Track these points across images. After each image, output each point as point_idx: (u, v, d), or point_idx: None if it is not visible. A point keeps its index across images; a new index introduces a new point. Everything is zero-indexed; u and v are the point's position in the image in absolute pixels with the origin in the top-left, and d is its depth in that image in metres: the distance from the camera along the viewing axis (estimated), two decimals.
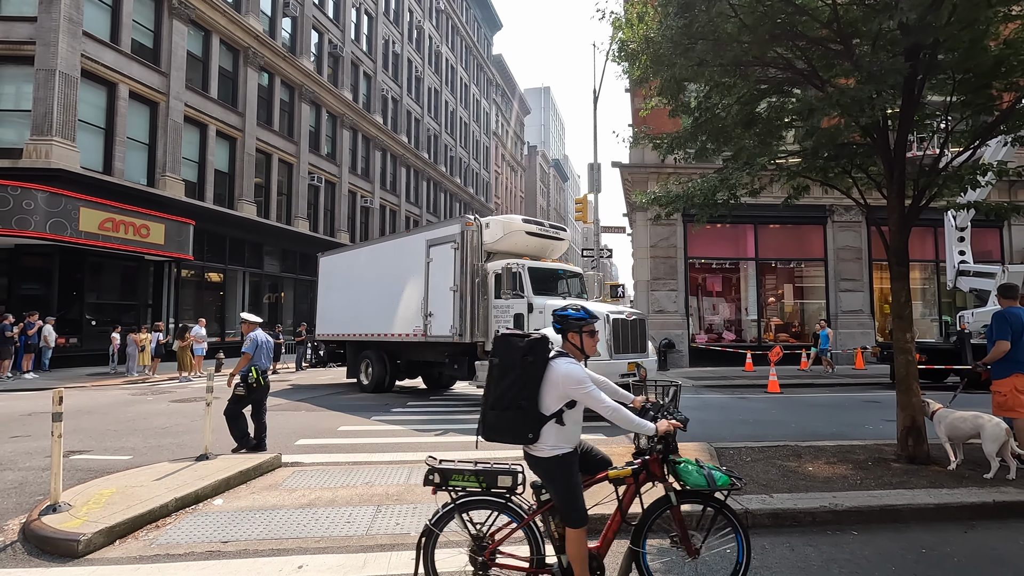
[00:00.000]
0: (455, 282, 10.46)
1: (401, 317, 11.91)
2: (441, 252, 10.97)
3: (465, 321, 10.24)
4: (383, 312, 12.44)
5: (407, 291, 11.82)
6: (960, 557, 3.74)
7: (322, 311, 15.31)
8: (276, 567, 3.66)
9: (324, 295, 15.36)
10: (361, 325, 13.15)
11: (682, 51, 5.77)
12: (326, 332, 14.93)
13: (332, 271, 15.13)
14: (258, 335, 6.72)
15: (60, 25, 15.67)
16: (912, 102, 5.64)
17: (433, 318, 10.96)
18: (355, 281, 13.76)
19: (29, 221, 14.33)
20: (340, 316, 14.13)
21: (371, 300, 12.93)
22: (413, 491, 5.22)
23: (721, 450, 6.19)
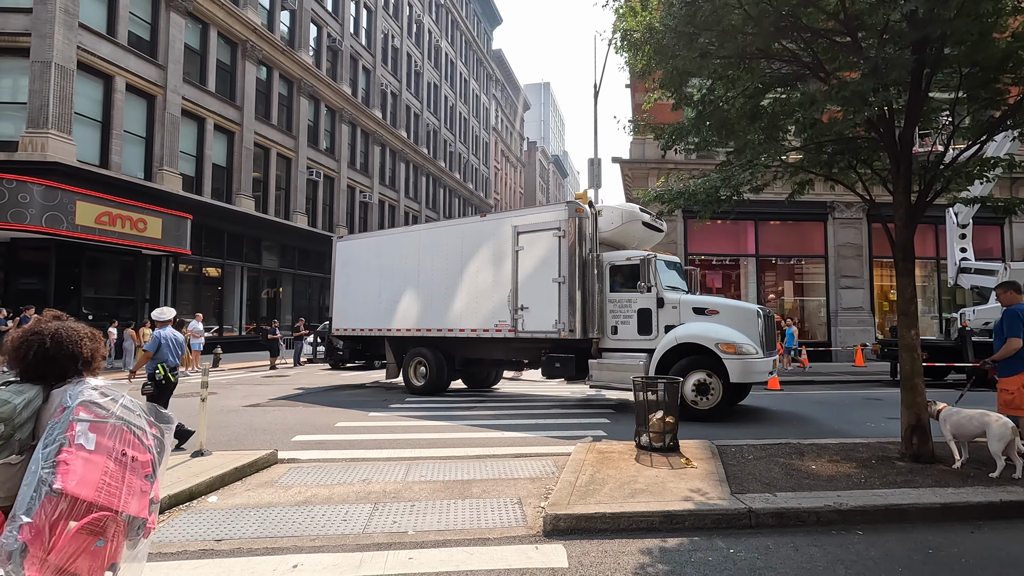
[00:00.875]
0: (561, 273, 9.66)
1: (473, 311, 10.90)
2: (537, 240, 10.10)
3: (575, 316, 9.49)
4: (443, 305, 11.38)
5: (483, 282, 10.82)
6: (968, 558, 3.67)
7: (343, 303, 13.46)
8: (271, 566, 3.59)
9: (345, 285, 13.47)
10: (409, 320, 11.93)
11: (686, 42, 5.67)
12: (349, 327, 13.20)
13: (355, 258, 13.40)
14: (163, 332, 6.72)
15: (56, 17, 15.51)
16: (919, 96, 5.55)
17: (527, 312, 10.12)
18: (395, 270, 12.33)
19: (25, 215, 14.21)
20: (371, 309, 12.68)
21: (423, 292, 11.75)
22: (411, 488, 5.15)
23: (723, 448, 6.12)
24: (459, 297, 11.19)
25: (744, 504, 4.28)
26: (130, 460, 2.32)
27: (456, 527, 4.21)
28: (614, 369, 9.18)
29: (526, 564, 3.58)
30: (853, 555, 3.72)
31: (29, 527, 1.97)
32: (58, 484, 2.04)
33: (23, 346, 2.38)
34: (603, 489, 4.69)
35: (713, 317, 8.83)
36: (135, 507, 2.27)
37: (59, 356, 2.38)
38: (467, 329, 11.02)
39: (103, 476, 2.21)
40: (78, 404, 2.24)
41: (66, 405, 2.23)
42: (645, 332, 9.15)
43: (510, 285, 10.39)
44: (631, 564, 3.60)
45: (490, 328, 10.64)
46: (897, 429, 6.88)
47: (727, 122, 6.50)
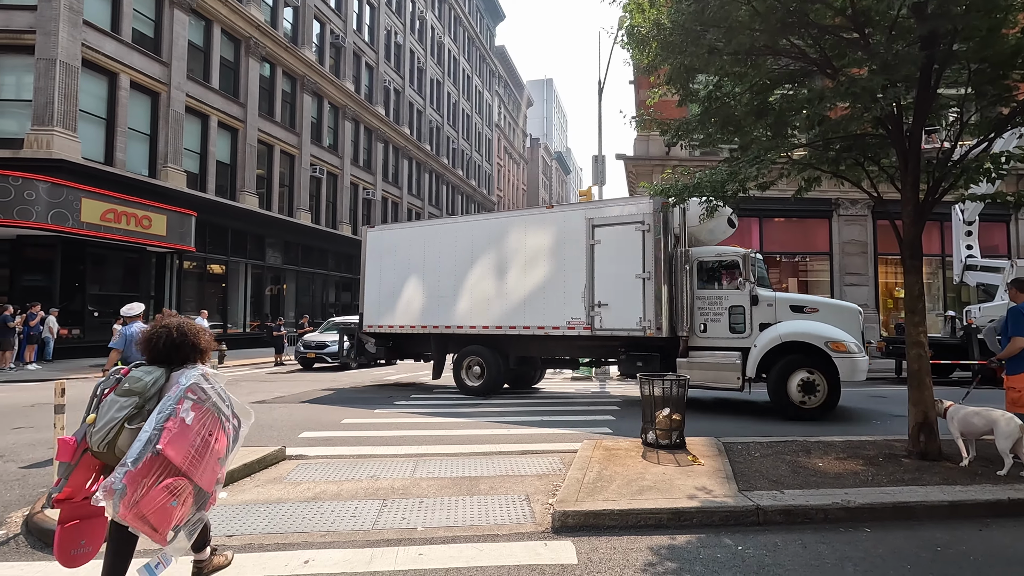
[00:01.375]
0: (646, 268, 9.33)
1: (537, 307, 10.44)
2: (617, 233, 9.66)
3: (661, 313, 9.18)
4: (501, 301, 10.85)
5: (549, 277, 10.37)
6: (976, 555, 3.68)
7: (375, 298, 12.57)
8: (282, 562, 3.61)
9: (378, 279, 12.59)
10: (459, 316, 11.32)
11: (693, 38, 5.66)
12: (385, 324, 12.31)
13: (391, 249, 12.55)
14: (128, 329, 6.67)
15: (60, 14, 15.54)
16: (928, 92, 5.53)
17: (605, 309, 9.71)
18: (442, 263, 11.65)
19: (31, 212, 14.27)
20: (412, 305, 11.97)
21: (478, 286, 11.19)
22: (418, 485, 5.17)
23: (729, 445, 6.13)
24: (520, 293, 10.67)
25: (752, 501, 4.29)
26: (213, 441, 2.86)
27: (465, 523, 4.23)
28: (706, 368, 8.95)
29: (536, 560, 3.60)
30: (861, 552, 3.73)
31: (131, 474, 2.56)
32: (160, 445, 2.62)
33: (154, 336, 2.98)
34: (611, 486, 4.71)
35: (813, 315, 8.69)
36: (206, 481, 2.84)
37: (183, 344, 2.98)
38: (532, 327, 10.47)
39: (191, 448, 2.75)
40: (188, 385, 2.81)
41: (180, 383, 2.81)
42: (737, 330, 8.95)
43: (584, 281, 9.94)
44: (640, 561, 3.61)
45: (561, 326, 10.15)
46: (903, 427, 6.88)
47: (734, 118, 6.49)
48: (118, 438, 2.74)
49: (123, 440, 2.74)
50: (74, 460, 2.82)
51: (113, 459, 2.76)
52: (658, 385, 6.07)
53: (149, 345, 2.99)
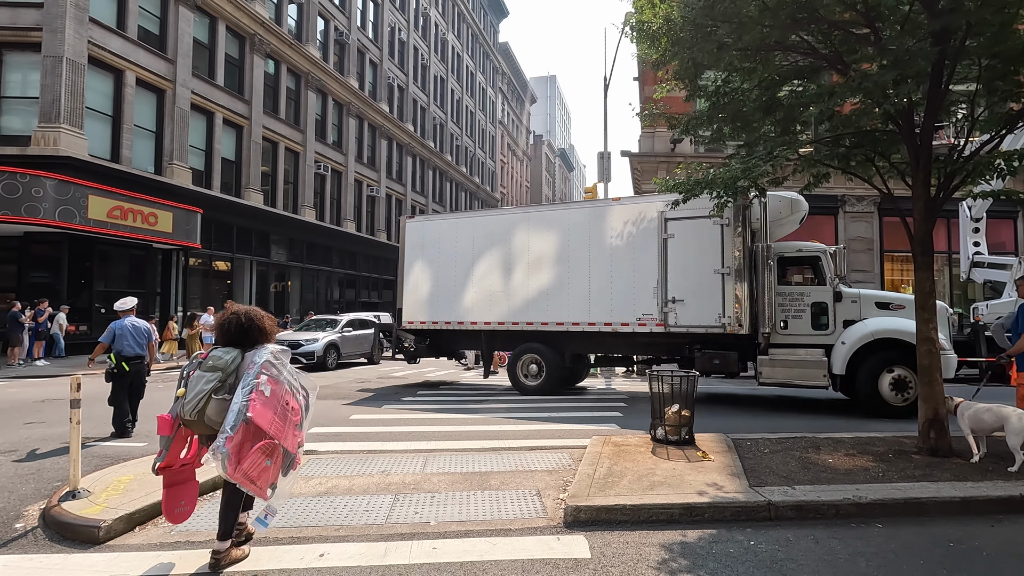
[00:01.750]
0: (725, 264, 9.12)
1: (602, 303, 10.09)
2: (693, 227, 9.38)
3: (743, 310, 9.00)
4: (561, 297, 10.48)
5: (615, 272, 10.04)
6: (989, 551, 3.68)
7: (416, 293, 12.01)
8: (298, 555, 3.64)
9: (419, 273, 11.98)
10: (513, 312, 10.86)
11: (703, 34, 5.65)
12: (428, 319, 11.78)
13: (434, 241, 11.94)
14: (119, 323, 6.84)
15: (67, 11, 15.56)
16: (939, 88, 5.50)
17: (680, 305, 9.47)
18: (494, 256, 11.17)
19: (38, 209, 14.32)
20: (458, 300, 11.46)
21: (534, 281, 10.75)
22: (429, 480, 5.20)
23: (738, 441, 6.14)
24: (584, 288, 10.30)
25: (763, 497, 4.30)
26: (290, 409, 3.40)
27: (477, 518, 4.25)
28: (790, 365, 8.80)
29: (549, 554, 3.62)
30: (873, 548, 3.74)
31: (231, 439, 3.06)
32: (249, 414, 3.12)
33: (226, 323, 3.50)
34: (621, 481, 4.73)
35: (899, 312, 8.58)
36: (290, 444, 3.38)
37: (251, 328, 3.49)
38: (599, 323, 10.10)
39: (274, 415, 3.27)
40: (262, 362, 3.32)
41: (255, 362, 3.33)
42: (820, 327, 8.78)
43: (656, 275, 9.67)
44: (653, 556, 3.63)
45: (630, 322, 9.84)
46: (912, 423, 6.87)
47: (742, 114, 6.48)
48: (207, 407, 3.27)
49: (211, 409, 3.27)
50: (172, 433, 3.38)
51: (203, 427, 3.33)
52: (667, 381, 6.08)
53: (222, 331, 3.50)
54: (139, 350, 6.93)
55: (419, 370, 16.21)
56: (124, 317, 6.99)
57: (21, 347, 14.02)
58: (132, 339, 6.88)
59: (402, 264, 12.28)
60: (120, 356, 6.80)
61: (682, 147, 18.70)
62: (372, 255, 32.62)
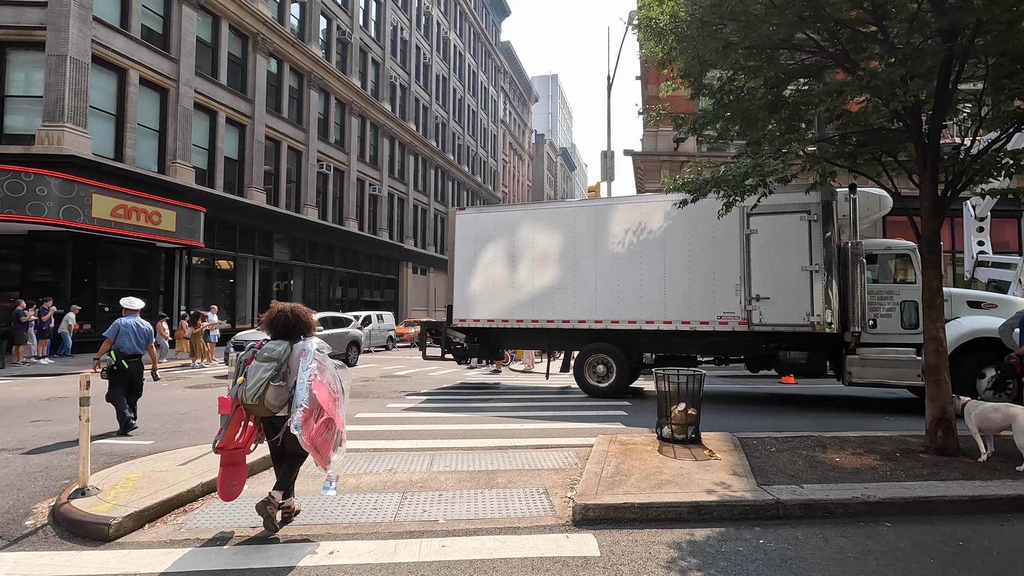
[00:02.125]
0: (814, 261, 8.84)
1: (679, 301, 9.75)
2: (779, 223, 9.09)
3: (831, 308, 8.75)
4: (632, 294, 10.07)
5: (698, 268, 9.69)
6: (999, 550, 3.68)
7: (468, 289, 11.42)
8: (307, 552, 3.65)
9: (471, 268, 11.41)
10: (579, 310, 10.44)
11: (710, 32, 5.64)
12: (481, 317, 11.23)
13: (488, 235, 11.33)
14: (123, 320, 6.95)
15: (71, 10, 15.58)
16: (947, 87, 5.49)
17: (765, 303, 9.19)
18: (556, 251, 10.70)
19: (43, 207, 14.35)
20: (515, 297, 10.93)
21: (602, 278, 10.29)
22: (436, 478, 5.21)
23: (744, 440, 6.14)
24: (658, 285, 9.93)
25: (771, 496, 4.30)
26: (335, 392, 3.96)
27: (486, 516, 4.26)
28: (883, 365, 8.55)
29: (558, 552, 3.62)
30: (883, 547, 3.74)
31: (304, 411, 3.62)
32: (314, 390, 3.72)
33: (275, 318, 3.98)
34: (629, 480, 4.73)
35: (992, 311, 8.46)
36: (339, 422, 3.96)
37: (297, 323, 3.96)
38: (675, 321, 9.76)
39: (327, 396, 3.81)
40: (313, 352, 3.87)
41: (307, 350, 3.86)
42: (911, 326, 8.56)
43: (738, 272, 9.37)
44: (663, 554, 3.63)
45: (711, 320, 9.51)
46: (916, 422, 6.87)
47: (748, 112, 6.46)
48: (266, 392, 3.70)
49: (270, 394, 3.70)
50: (232, 412, 3.85)
51: (262, 410, 3.77)
52: (673, 380, 6.08)
53: (272, 326, 3.98)
54: (139, 349, 7.06)
55: (421, 369, 16.21)
56: (129, 316, 7.08)
57: (26, 346, 14.05)
58: (134, 338, 7.00)
59: (452, 259, 11.69)
60: (120, 353, 6.91)
61: (685, 146, 18.68)
62: (374, 254, 32.64)
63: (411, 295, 37.38)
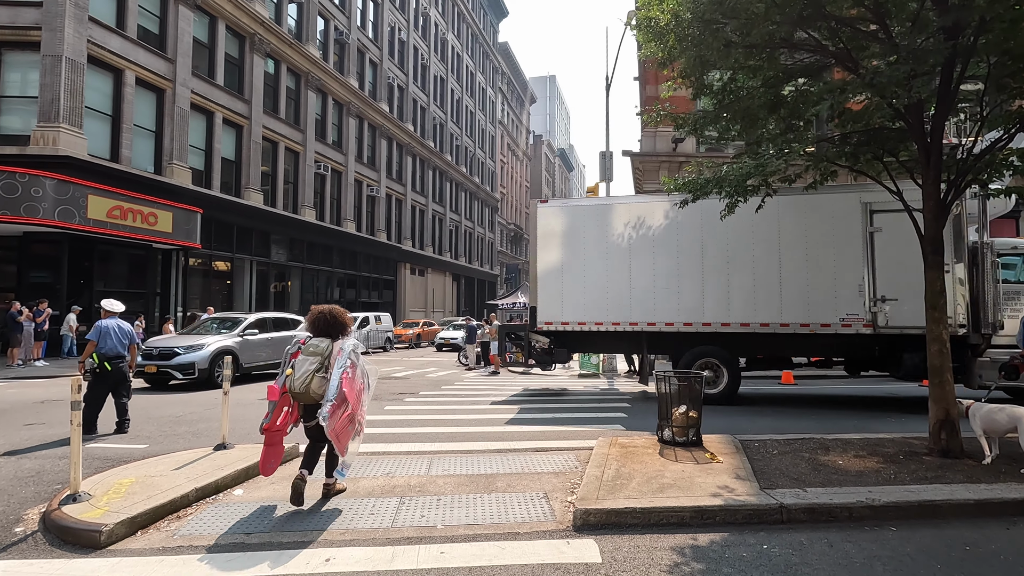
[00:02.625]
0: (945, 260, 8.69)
1: (800, 302, 9.32)
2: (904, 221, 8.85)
3: (965, 309, 8.44)
4: (751, 295, 9.58)
5: (817, 268, 9.29)
6: (1007, 555, 3.62)
7: (554, 288, 10.58)
8: (303, 560, 3.57)
9: (559, 265, 10.61)
10: (684, 312, 9.85)
11: (711, 31, 5.59)
12: (571, 320, 10.42)
13: (577, 230, 10.53)
14: (105, 323, 6.97)
15: (66, 10, 15.47)
16: (950, 85, 5.45)
17: (892, 304, 8.84)
18: (658, 249, 10.01)
19: (37, 208, 14.24)
20: (611, 297, 10.20)
21: (710, 278, 9.75)
22: (435, 482, 5.13)
23: (746, 443, 6.08)
24: (773, 285, 9.49)
25: (775, 500, 4.24)
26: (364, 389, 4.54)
27: (485, 521, 4.19)
28: None
29: (559, 559, 3.56)
30: (889, 551, 3.68)
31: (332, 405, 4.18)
32: (344, 388, 4.25)
33: (316, 319, 4.61)
34: (630, 484, 4.66)
35: None
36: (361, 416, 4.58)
37: (335, 323, 4.59)
38: (793, 324, 9.32)
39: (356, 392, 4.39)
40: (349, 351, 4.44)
41: (344, 349, 4.45)
42: None
43: (862, 272, 9.02)
44: (665, 560, 3.56)
45: (832, 322, 9.06)
46: (919, 424, 6.82)
47: (749, 112, 6.42)
48: (312, 382, 4.33)
49: (315, 383, 4.34)
50: (279, 399, 4.46)
51: (307, 397, 4.38)
52: (675, 382, 6.01)
53: (313, 325, 4.61)
54: (121, 350, 7.08)
55: (420, 371, 16.14)
56: (109, 317, 7.12)
57: (20, 347, 13.93)
58: (116, 339, 7.03)
59: (534, 257, 10.84)
60: (102, 355, 6.92)
61: (684, 147, 18.65)
62: (372, 255, 32.54)
63: (409, 296, 37.28)
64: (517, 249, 64.92)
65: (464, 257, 47.70)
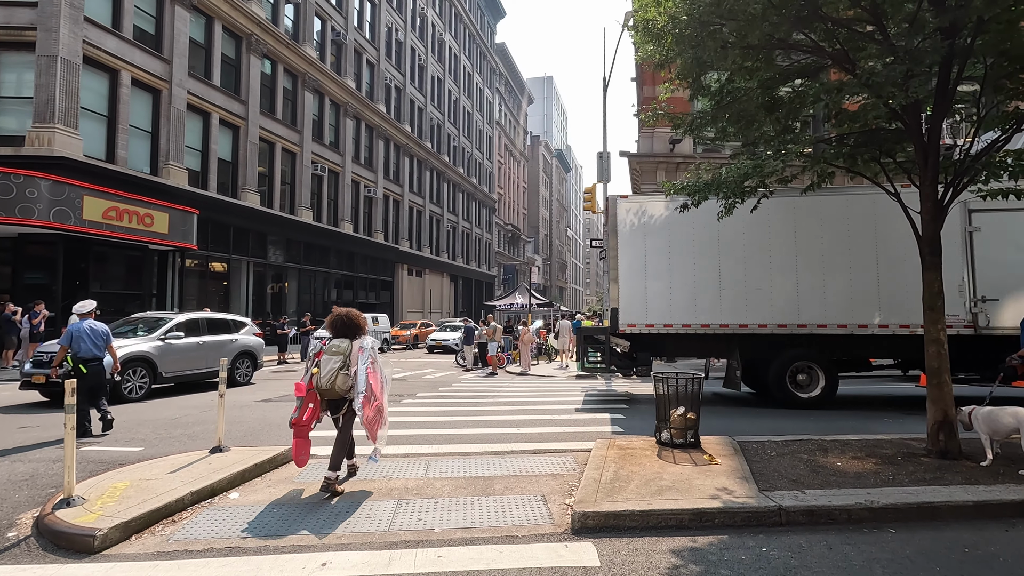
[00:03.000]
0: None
1: (900, 303, 9.03)
2: (1007, 220, 8.56)
3: None
4: (845, 295, 9.24)
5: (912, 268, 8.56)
6: (1006, 557, 3.62)
7: (639, 288, 10.01)
8: (299, 564, 3.54)
9: (642, 264, 10.01)
10: (783, 314, 9.48)
11: (709, 32, 5.58)
12: (656, 322, 9.91)
13: (661, 226, 9.93)
14: (76, 326, 6.90)
15: (61, 11, 15.40)
16: (947, 86, 5.45)
17: (993, 305, 8.67)
18: (750, 247, 9.64)
19: (32, 209, 14.15)
20: (700, 298, 9.82)
21: (805, 277, 9.37)
22: (432, 485, 5.11)
23: (744, 444, 6.07)
24: (871, 285, 9.18)
25: (774, 502, 4.23)
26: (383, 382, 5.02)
27: (482, 524, 4.16)
28: None
29: (557, 563, 3.53)
30: (888, 554, 3.67)
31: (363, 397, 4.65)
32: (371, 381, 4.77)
33: (334, 321, 5.03)
34: (629, 486, 4.64)
35: None
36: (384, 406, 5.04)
37: (351, 324, 4.98)
38: (892, 325, 9.06)
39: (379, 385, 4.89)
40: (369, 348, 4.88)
41: (364, 347, 4.86)
42: None
43: (962, 272, 8.82)
44: (664, 563, 3.54)
45: (954, 325, 8.63)
46: (917, 425, 6.82)
47: (745, 113, 6.41)
48: (337, 379, 4.77)
49: (339, 380, 4.77)
50: (306, 394, 4.86)
51: (333, 393, 4.81)
52: (673, 383, 6.00)
53: (332, 326, 5.03)
54: (96, 352, 6.99)
55: (418, 372, 16.11)
56: (82, 320, 7.04)
57: (14, 350, 13.84)
58: (90, 341, 6.94)
59: (614, 257, 10.12)
60: (77, 358, 6.84)
61: (681, 147, 18.67)
62: (369, 256, 32.48)
63: (406, 297, 37.22)
64: (515, 250, 64.89)
65: (462, 258, 47.66)
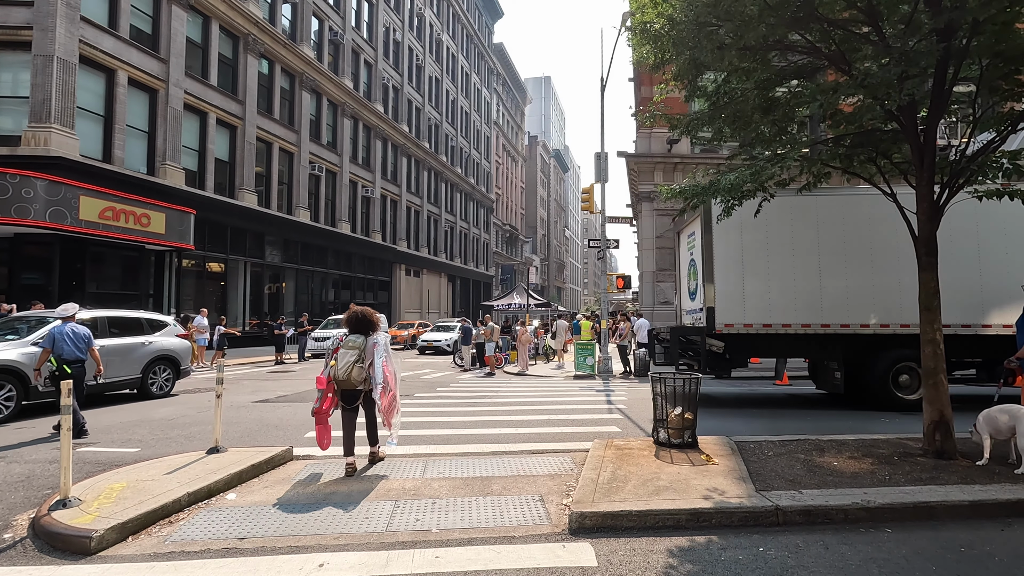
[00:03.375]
0: None
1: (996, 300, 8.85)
2: None
3: None
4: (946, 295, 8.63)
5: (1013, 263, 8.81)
6: (1001, 556, 3.63)
7: (737, 287, 9.60)
8: (296, 565, 3.54)
9: (740, 262, 9.61)
10: (887, 313, 9.14)
11: (706, 33, 5.59)
12: (755, 321, 9.48)
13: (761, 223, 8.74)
14: (58, 328, 7.03)
15: (58, 10, 15.35)
16: (943, 86, 5.47)
17: None
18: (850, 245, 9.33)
19: (29, 210, 14.10)
20: (801, 298, 9.37)
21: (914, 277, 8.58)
22: (430, 485, 5.10)
23: (741, 444, 6.08)
24: (973, 283, 8.95)
25: (771, 502, 4.24)
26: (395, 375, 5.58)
27: (480, 525, 4.16)
28: None
29: (555, 563, 3.54)
30: (885, 553, 3.68)
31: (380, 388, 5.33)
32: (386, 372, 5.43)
33: (350, 318, 5.55)
34: (626, 486, 4.65)
35: None
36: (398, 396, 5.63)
37: (364, 321, 5.51)
38: (995, 325, 8.89)
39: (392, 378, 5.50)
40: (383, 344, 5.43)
41: (378, 343, 5.42)
42: None
43: None
44: (661, 563, 3.55)
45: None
46: (913, 425, 6.85)
47: (742, 114, 6.43)
48: (353, 371, 5.27)
49: (355, 372, 5.28)
50: (325, 387, 5.36)
51: (349, 384, 5.31)
52: (670, 384, 6.01)
53: (349, 323, 5.56)
54: (79, 354, 7.11)
55: (415, 372, 16.09)
56: (64, 323, 7.16)
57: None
58: (71, 344, 7.07)
59: (709, 254, 9.75)
60: (60, 360, 6.97)
61: (679, 148, 18.69)
62: (367, 256, 32.45)
63: (404, 297, 37.20)
64: (512, 250, 64.90)
65: (459, 258, 47.65)
